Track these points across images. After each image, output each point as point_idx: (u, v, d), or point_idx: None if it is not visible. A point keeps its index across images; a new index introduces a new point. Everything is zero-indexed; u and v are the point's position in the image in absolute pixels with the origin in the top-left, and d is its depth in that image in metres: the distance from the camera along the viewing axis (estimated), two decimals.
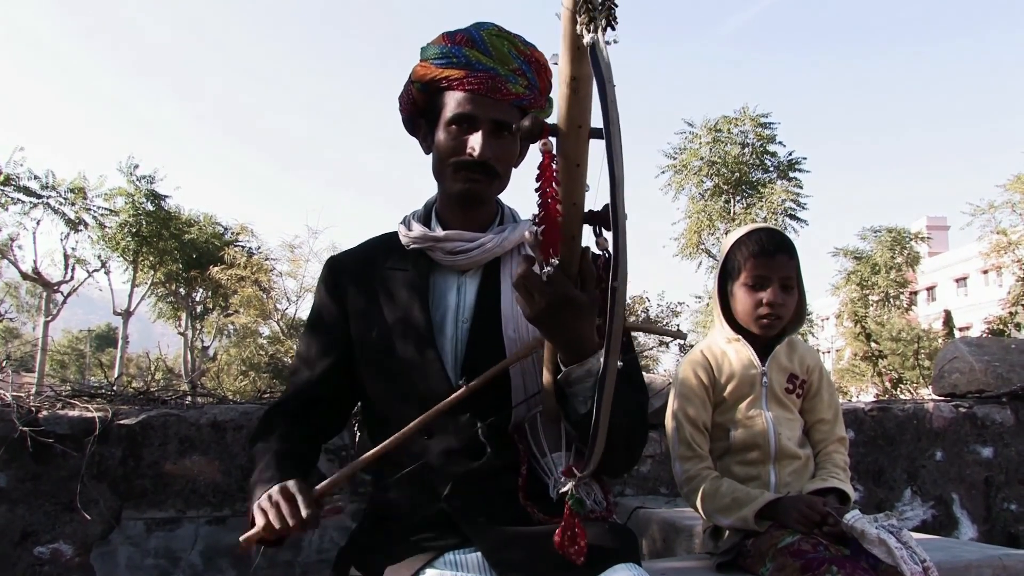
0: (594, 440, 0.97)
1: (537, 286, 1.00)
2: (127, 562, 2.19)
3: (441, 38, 1.34)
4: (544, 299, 1.01)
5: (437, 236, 1.35)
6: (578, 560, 1.07)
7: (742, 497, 1.58)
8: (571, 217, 0.93)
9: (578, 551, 1.07)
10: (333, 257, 1.48)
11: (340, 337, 1.39)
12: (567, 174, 0.89)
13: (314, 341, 1.42)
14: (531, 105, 1.35)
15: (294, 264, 19.75)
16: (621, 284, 0.85)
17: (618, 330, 0.88)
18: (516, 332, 1.29)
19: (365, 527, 1.35)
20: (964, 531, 3.01)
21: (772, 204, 25.33)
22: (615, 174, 0.80)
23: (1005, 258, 22.90)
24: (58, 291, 23.79)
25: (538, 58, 1.35)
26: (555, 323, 1.05)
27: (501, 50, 1.31)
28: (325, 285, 1.43)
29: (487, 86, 1.29)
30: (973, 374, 3.24)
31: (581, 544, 1.07)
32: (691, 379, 1.70)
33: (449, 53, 1.31)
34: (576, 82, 0.83)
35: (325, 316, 1.42)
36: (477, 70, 1.29)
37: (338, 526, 2.37)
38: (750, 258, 1.66)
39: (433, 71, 1.32)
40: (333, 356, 1.39)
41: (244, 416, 2.36)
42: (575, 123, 0.86)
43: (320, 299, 1.44)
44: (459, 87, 1.30)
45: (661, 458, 2.78)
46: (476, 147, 1.28)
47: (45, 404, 2.29)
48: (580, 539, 1.07)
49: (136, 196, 24.02)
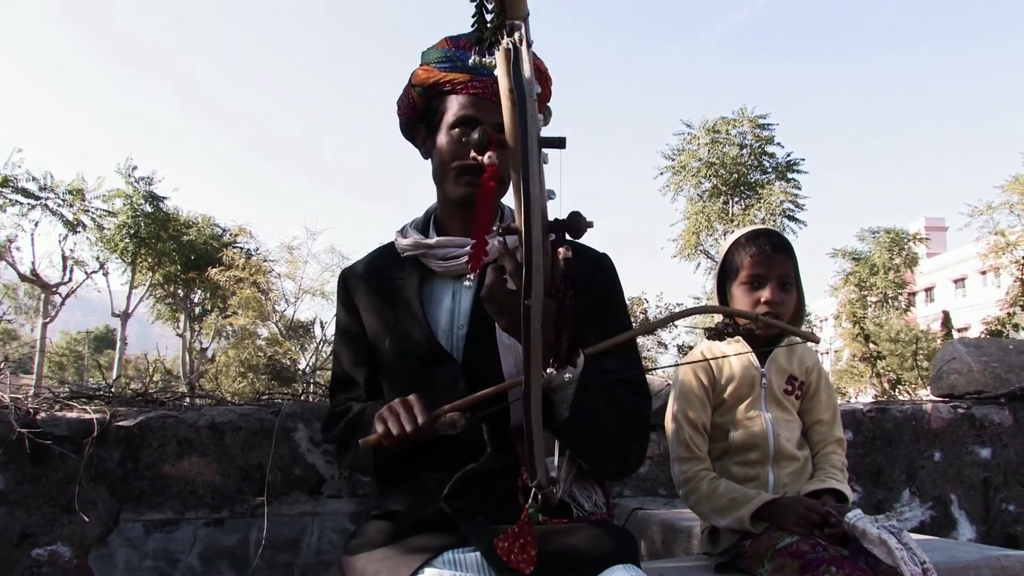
0: (530, 448, 0.96)
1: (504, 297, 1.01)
2: (125, 564, 2.19)
3: (444, 42, 1.33)
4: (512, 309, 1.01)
5: (429, 243, 1.36)
6: (527, 569, 1.02)
7: (739, 498, 1.58)
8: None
9: (527, 560, 1.02)
10: (344, 271, 1.51)
11: (366, 347, 1.42)
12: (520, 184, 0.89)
13: (346, 354, 1.46)
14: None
15: (292, 265, 19.76)
16: (535, 302, 0.85)
17: (536, 347, 0.88)
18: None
19: (364, 527, 1.35)
20: (963, 532, 3.01)
21: (770, 205, 25.35)
22: (530, 191, 0.80)
23: (1003, 259, 22.91)
24: (56, 293, 23.75)
25: (538, 65, 1.34)
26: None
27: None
28: (341, 299, 1.47)
29: (491, 90, 1.28)
30: (971, 375, 3.24)
31: (531, 553, 1.02)
32: (691, 380, 1.71)
33: (453, 57, 1.30)
34: (513, 93, 0.83)
35: (349, 329, 1.45)
36: (482, 74, 1.29)
37: (337, 527, 2.37)
38: (748, 257, 1.67)
39: (436, 75, 1.31)
40: (366, 367, 1.43)
41: (242, 418, 2.36)
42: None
43: (341, 313, 1.47)
44: (463, 91, 1.29)
45: (660, 459, 2.78)
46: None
47: (43, 406, 2.28)
48: (531, 548, 1.03)
49: (134, 197, 24.00)
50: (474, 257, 0.97)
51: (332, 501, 2.37)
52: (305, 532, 2.34)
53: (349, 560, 1.28)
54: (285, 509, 2.33)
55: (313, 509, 2.36)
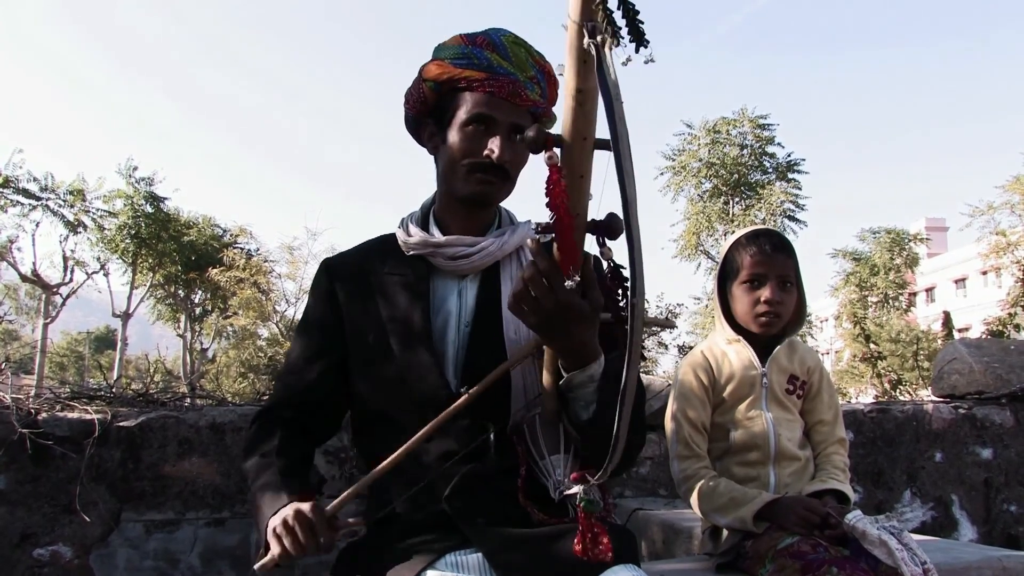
0: (613, 452, 0.95)
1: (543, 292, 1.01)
2: (126, 564, 2.19)
3: (459, 39, 1.33)
4: (549, 306, 1.01)
5: (438, 242, 1.35)
6: (607, 557, 1.04)
7: (739, 497, 1.58)
8: (575, 227, 0.94)
9: (604, 549, 1.03)
10: (328, 259, 1.47)
11: (334, 340, 1.37)
12: (571, 185, 0.90)
13: (307, 344, 1.40)
14: (543, 114, 1.36)
15: (293, 266, 19.76)
16: (640, 300, 0.85)
17: (638, 344, 0.88)
18: (517, 335, 1.29)
19: (365, 529, 1.35)
20: (964, 532, 3.01)
21: (771, 205, 25.35)
22: (627, 193, 0.79)
23: (1004, 259, 22.89)
24: (57, 293, 23.78)
25: (548, 69, 1.35)
26: (557, 330, 1.05)
27: (520, 56, 1.31)
28: (319, 287, 1.41)
29: (508, 90, 1.28)
30: (972, 375, 3.24)
31: (605, 541, 1.04)
32: (691, 380, 1.71)
33: (470, 54, 1.30)
34: (582, 95, 0.83)
35: (319, 319, 1.40)
36: (499, 73, 1.29)
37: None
38: (748, 257, 1.67)
39: (451, 71, 1.30)
40: (327, 359, 1.37)
41: (243, 418, 2.36)
42: (580, 135, 0.86)
43: (314, 301, 1.42)
44: (479, 88, 1.29)
45: (660, 460, 2.78)
46: (496, 149, 1.27)
47: (44, 406, 2.29)
48: (602, 537, 1.04)
49: (135, 198, 24.03)
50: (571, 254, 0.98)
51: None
52: None
53: (349, 563, 1.29)
54: None
55: None
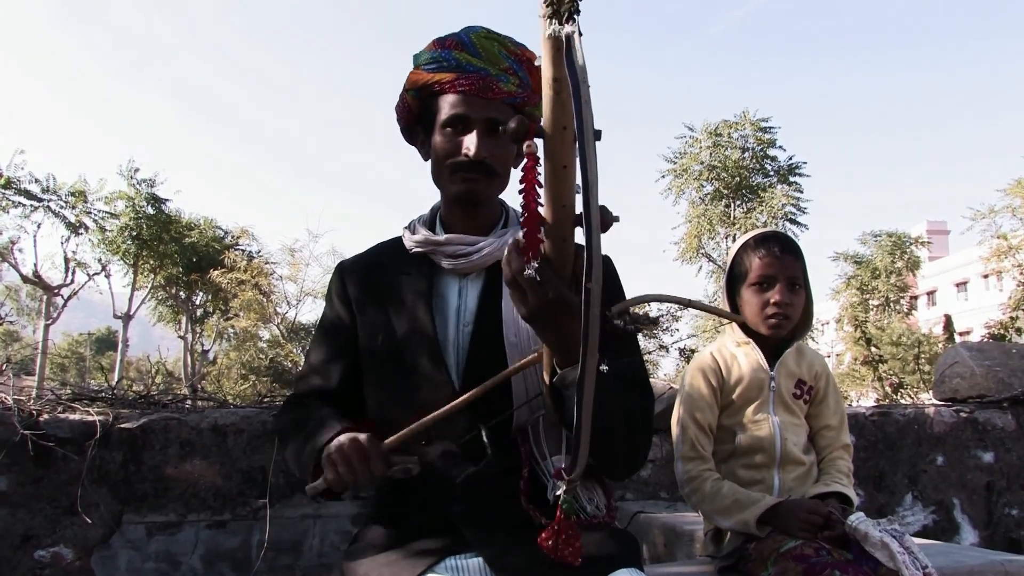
0: (577, 444, 0.96)
1: (529, 285, 1.00)
2: (127, 566, 2.19)
3: (432, 44, 1.36)
4: (536, 299, 1.01)
5: (439, 240, 1.36)
6: (575, 561, 1.04)
7: (743, 499, 1.58)
8: (561, 219, 0.92)
9: (574, 552, 1.03)
10: (342, 263, 1.50)
11: (351, 342, 1.40)
12: (554, 176, 0.89)
13: (326, 347, 1.43)
14: (525, 103, 1.36)
15: (294, 268, 19.73)
16: (595, 285, 0.85)
17: (594, 331, 0.87)
18: (517, 336, 1.29)
19: (366, 531, 1.35)
20: (965, 536, 3.00)
21: (772, 208, 25.37)
22: (587, 176, 0.80)
23: (1006, 262, 22.90)
24: (58, 294, 23.79)
25: (529, 57, 1.36)
26: (549, 324, 1.05)
27: (491, 50, 1.32)
28: (335, 291, 1.45)
29: (478, 86, 1.30)
30: (974, 379, 3.23)
31: (576, 545, 1.04)
32: (700, 382, 1.71)
33: (440, 58, 1.33)
34: (558, 83, 0.83)
35: (336, 322, 1.43)
36: (467, 71, 1.31)
37: (339, 530, 2.36)
38: (757, 259, 1.68)
39: (425, 76, 1.34)
40: (345, 362, 1.40)
41: (244, 420, 2.36)
42: (559, 124, 0.86)
43: (330, 305, 1.45)
44: (451, 89, 1.31)
45: (662, 463, 2.78)
46: (471, 147, 1.29)
47: (46, 408, 2.29)
48: (575, 540, 1.04)
49: (136, 199, 24.05)
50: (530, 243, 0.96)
51: (334, 504, 2.37)
52: (307, 535, 2.34)
53: (350, 565, 1.28)
54: (287, 511, 2.34)
55: (315, 512, 2.36)
